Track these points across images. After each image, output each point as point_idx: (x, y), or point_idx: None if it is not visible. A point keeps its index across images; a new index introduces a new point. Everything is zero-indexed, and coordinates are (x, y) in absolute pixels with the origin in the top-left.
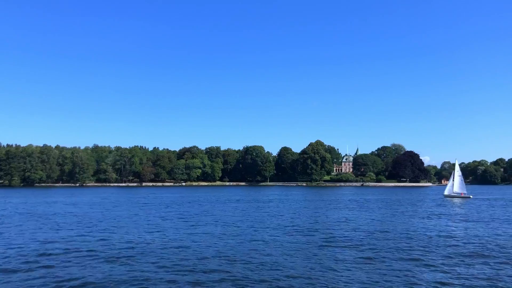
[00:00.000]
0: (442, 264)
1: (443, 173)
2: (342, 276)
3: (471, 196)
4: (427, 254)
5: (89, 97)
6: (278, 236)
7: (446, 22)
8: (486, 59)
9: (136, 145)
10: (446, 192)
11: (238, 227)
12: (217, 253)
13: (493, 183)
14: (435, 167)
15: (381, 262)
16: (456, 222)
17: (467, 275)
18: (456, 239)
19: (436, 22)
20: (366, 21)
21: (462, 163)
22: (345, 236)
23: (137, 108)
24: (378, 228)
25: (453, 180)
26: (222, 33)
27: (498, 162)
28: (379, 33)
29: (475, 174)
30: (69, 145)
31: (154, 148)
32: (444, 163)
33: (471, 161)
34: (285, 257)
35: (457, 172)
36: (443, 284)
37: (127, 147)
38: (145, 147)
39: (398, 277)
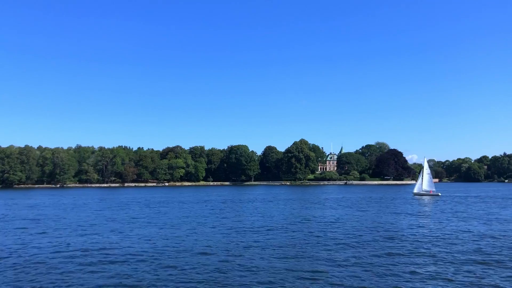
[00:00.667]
0: (363, 263)
1: None
2: (228, 279)
3: (439, 194)
4: (356, 254)
5: (74, 97)
6: (209, 239)
7: (431, 21)
8: (472, 58)
9: (121, 145)
10: (415, 190)
11: (178, 229)
12: (129, 256)
13: (477, 180)
14: (420, 165)
15: (295, 260)
16: (411, 221)
17: (372, 275)
18: (398, 239)
19: (421, 21)
20: (350, 20)
21: (447, 160)
22: (280, 237)
23: (123, 108)
24: (328, 228)
25: (422, 178)
26: (207, 32)
27: (482, 160)
28: (365, 32)
29: (459, 171)
30: (53, 145)
31: (139, 148)
32: (429, 160)
33: (455, 158)
34: (199, 258)
35: (426, 170)
36: (337, 285)
37: (112, 147)
38: (129, 147)
39: (295, 276)
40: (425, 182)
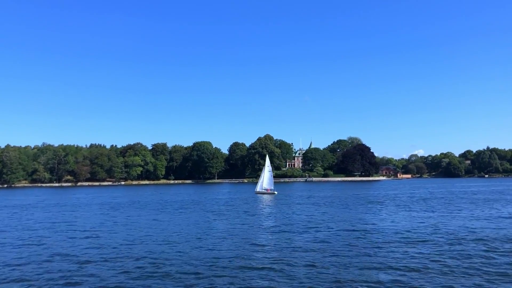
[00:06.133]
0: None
1: (409, 166)
2: None
3: (275, 192)
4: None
5: (55, 96)
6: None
7: (417, 18)
8: (456, 53)
9: (94, 143)
10: (257, 189)
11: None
12: None
13: (457, 175)
14: (407, 160)
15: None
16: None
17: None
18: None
19: (407, 18)
20: (336, 19)
21: (429, 155)
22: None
23: (97, 106)
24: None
25: (263, 176)
26: (177, 27)
27: (466, 154)
28: (352, 31)
29: (440, 166)
30: (24, 144)
31: (112, 146)
32: (412, 156)
33: (438, 153)
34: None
35: (267, 167)
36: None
37: (84, 145)
38: (103, 145)
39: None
40: (265, 180)
